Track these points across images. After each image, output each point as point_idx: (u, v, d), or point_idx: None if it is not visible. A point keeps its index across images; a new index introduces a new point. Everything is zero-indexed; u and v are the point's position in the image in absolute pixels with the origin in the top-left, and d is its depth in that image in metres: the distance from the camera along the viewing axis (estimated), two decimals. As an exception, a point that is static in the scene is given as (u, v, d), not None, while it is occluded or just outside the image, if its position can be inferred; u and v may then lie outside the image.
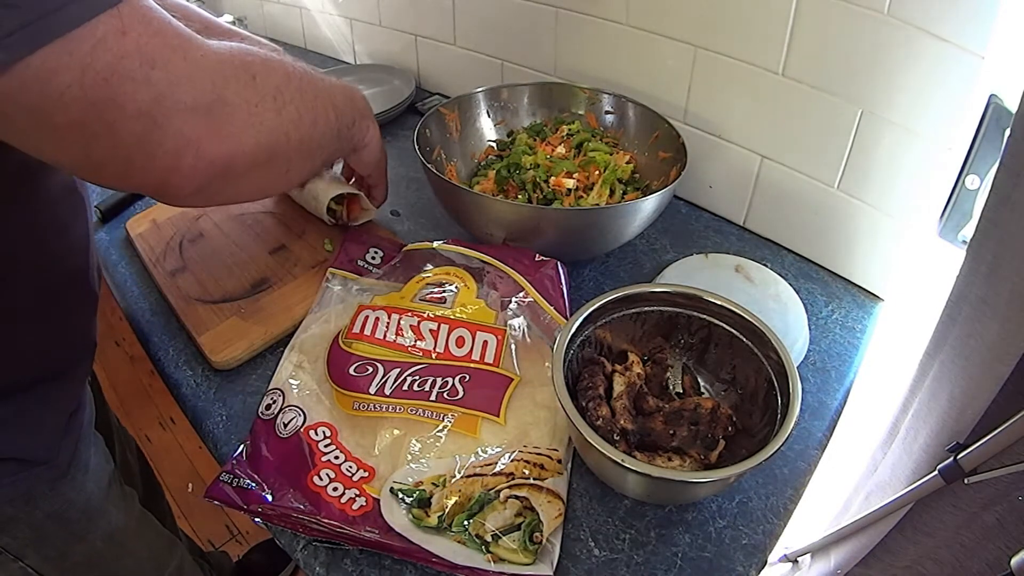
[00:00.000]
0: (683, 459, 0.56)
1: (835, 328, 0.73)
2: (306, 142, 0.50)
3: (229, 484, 0.55)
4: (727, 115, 0.81)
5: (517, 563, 0.50)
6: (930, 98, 0.63)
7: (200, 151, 0.40)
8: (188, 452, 1.61)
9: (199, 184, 0.42)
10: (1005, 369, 0.29)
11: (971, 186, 0.56)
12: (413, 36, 1.14)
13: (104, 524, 0.67)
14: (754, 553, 0.53)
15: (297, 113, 0.48)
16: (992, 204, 0.30)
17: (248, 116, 0.43)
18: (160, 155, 0.39)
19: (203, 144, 0.40)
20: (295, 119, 0.48)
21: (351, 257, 0.76)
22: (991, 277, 0.30)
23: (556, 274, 0.71)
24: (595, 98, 0.89)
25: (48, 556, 0.63)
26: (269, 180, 0.52)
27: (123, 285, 0.81)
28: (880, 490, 0.39)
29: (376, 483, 0.55)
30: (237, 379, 0.68)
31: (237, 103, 0.42)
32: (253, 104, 0.43)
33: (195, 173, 0.41)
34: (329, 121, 0.55)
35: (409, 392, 0.61)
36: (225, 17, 1.31)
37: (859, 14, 0.64)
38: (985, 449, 0.30)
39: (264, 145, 0.45)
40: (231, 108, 0.42)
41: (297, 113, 0.48)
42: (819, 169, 0.75)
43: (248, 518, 0.55)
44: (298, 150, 0.49)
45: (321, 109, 0.53)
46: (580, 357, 0.60)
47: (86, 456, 0.64)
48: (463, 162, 0.89)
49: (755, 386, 0.58)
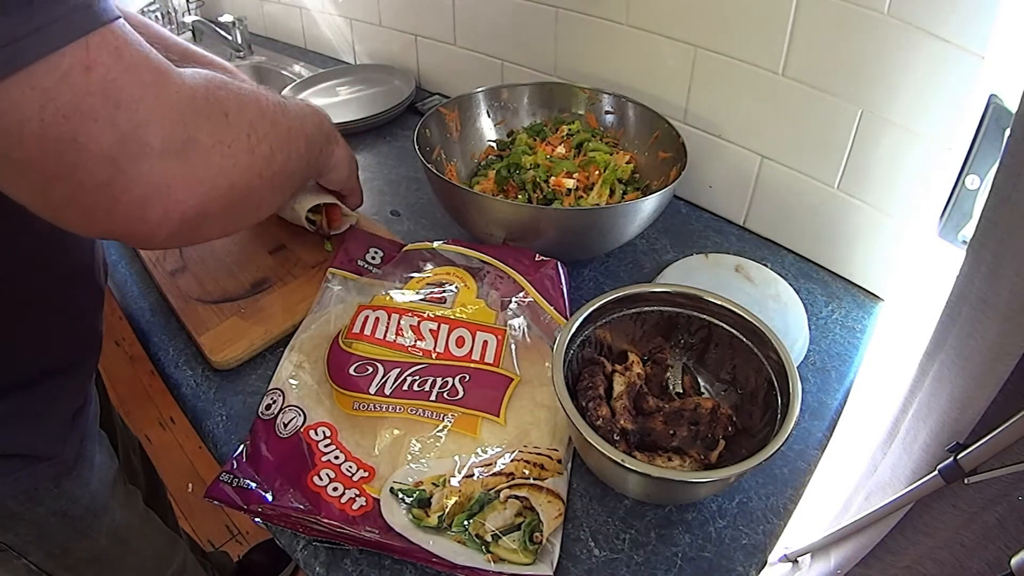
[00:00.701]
0: (683, 459, 0.56)
1: (835, 328, 0.73)
2: (278, 176, 0.48)
3: (229, 484, 0.55)
4: (727, 115, 0.81)
5: (517, 563, 0.50)
6: (930, 98, 0.63)
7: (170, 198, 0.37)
8: (188, 452, 1.61)
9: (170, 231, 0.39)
10: (1005, 369, 0.29)
11: (971, 186, 0.56)
12: (413, 36, 1.14)
13: (108, 521, 0.67)
14: (754, 553, 0.53)
15: (270, 150, 0.46)
16: (992, 204, 0.30)
17: (221, 159, 0.40)
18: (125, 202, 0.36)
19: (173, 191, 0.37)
20: (267, 156, 0.45)
21: (351, 257, 0.76)
22: (991, 277, 0.30)
23: (556, 274, 0.71)
24: (595, 98, 0.89)
25: (52, 553, 0.63)
26: (241, 219, 0.50)
27: (123, 285, 0.81)
28: (880, 490, 0.39)
29: (376, 483, 0.55)
30: (237, 379, 0.68)
31: (210, 144, 0.39)
32: (226, 145, 0.41)
33: (165, 222, 0.38)
34: (300, 154, 0.53)
35: (409, 392, 0.61)
36: (225, 17, 1.31)
37: (859, 14, 0.64)
38: (985, 449, 0.30)
39: (237, 187, 0.42)
40: (203, 150, 0.39)
41: (270, 150, 0.46)
42: (819, 169, 0.75)
43: (248, 518, 0.55)
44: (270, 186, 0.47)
45: (294, 142, 0.51)
46: (580, 357, 0.60)
47: (91, 453, 0.64)
48: (463, 162, 0.89)
49: (755, 386, 0.58)
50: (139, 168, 0.35)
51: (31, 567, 0.62)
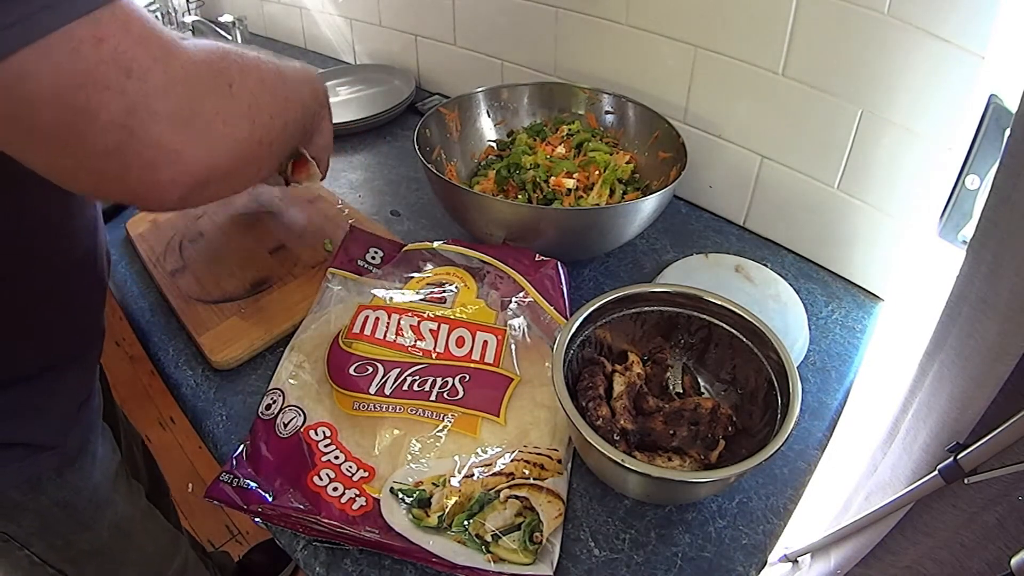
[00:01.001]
0: (683, 459, 0.56)
1: (835, 328, 0.73)
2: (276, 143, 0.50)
3: (229, 484, 0.55)
4: (727, 115, 0.81)
5: (517, 563, 0.50)
6: (930, 98, 0.63)
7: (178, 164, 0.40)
8: (188, 452, 1.61)
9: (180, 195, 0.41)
10: (1005, 369, 0.29)
11: (971, 186, 0.56)
12: (413, 36, 1.14)
13: (111, 514, 0.68)
14: (754, 553, 0.53)
15: (270, 119, 0.48)
16: (992, 204, 0.30)
17: (224, 127, 0.43)
18: (136, 167, 0.38)
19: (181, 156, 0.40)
20: (267, 124, 0.48)
21: (351, 257, 0.76)
22: (991, 277, 0.30)
23: (556, 274, 0.71)
24: (595, 98, 0.89)
25: (54, 545, 0.63)
26: (244, 180, 0.52)
27: (123, 285, 0.81)
28: (880, 490, 0.39)
29: (376, 483, 0.55)
30: (237, 379, 0.68)
31: (214, 114, 0.42)
32: (229, 114, 0.43)
33: (174, 186, 0.40)
34: (296, 120, 0.55)
35: (409, 392, 0.61)
36: (225, 17, 1.31)
37: (859, 14, 0.64)
38: (985, 449, 0.30)
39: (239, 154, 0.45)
40: (208, 119, 0.41)
41: (270, 119, 0.48)
42: (819, 169, 0.75)
43: (248, 518, 0.55)
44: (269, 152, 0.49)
45: (291, 110, 0.53)
46: (580, 357, 0.60)
47: (94, 445, 0.64)
48: (463, 162, 0.89)
49: (755, 386, 0.58)
50: (148, 135, 0.37)
51: (33, 558, 0.62)
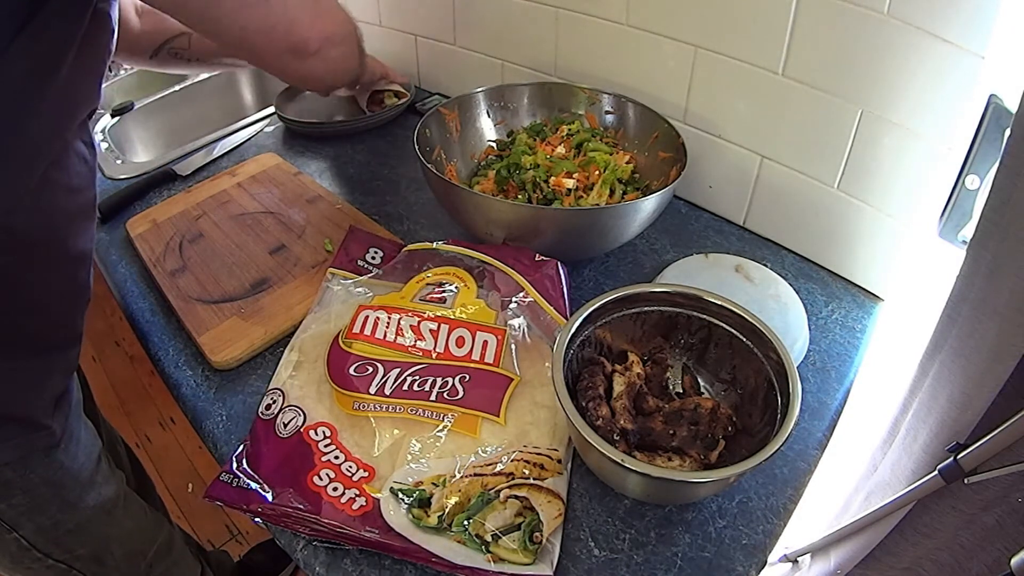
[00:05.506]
0: (683, 459, 0.56)
1: (835, 328, 0.73)
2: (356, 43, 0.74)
3: (229, 484, 0.55)
4: (727, 115, 0.81)
5: (517, 563, 0.50)
6: (930, 98, 0.63)
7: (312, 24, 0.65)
8: (188, 452, 1.61)
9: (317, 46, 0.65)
10: (1005, 369, 0.29)
11: (971, 186, 0.56)
12: (413, 36, 1.14)
13: (95, 495, 0.70)
14: (754, 553, 0.53)
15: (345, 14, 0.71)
16: (992, 204, 0.30)
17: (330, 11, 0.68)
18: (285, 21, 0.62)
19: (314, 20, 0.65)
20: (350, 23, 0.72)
21: (351, 257, 0.76)
22: (991, 277, 0.30)
23: (556, 274, 0.71)
24: (595, 98, 0.89)
25: (42, 525, 0.65)
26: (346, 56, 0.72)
27: (123, 285, 0.81)
28: (880, 490, 0.39)
29: (376, 483, 0.55)
30: (237, 379, 0.68)
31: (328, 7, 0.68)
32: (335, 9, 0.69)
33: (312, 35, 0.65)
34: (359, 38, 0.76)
35: (409, 392, 0.61)
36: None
37: (859, 14, 0.64)
38: (985, 449, 0.30)
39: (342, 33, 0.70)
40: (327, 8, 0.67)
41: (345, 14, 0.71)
42: (819, 169, 0.75)
43: (248, 518, 0.55)
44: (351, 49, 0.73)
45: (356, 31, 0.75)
46: (580, 357, 0.60)
47: (77, 430, 0.67)
48: (463, 162, 0.89)
49: (755, 386, 0.58)
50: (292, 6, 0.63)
51: (22, 542, 0.64)
